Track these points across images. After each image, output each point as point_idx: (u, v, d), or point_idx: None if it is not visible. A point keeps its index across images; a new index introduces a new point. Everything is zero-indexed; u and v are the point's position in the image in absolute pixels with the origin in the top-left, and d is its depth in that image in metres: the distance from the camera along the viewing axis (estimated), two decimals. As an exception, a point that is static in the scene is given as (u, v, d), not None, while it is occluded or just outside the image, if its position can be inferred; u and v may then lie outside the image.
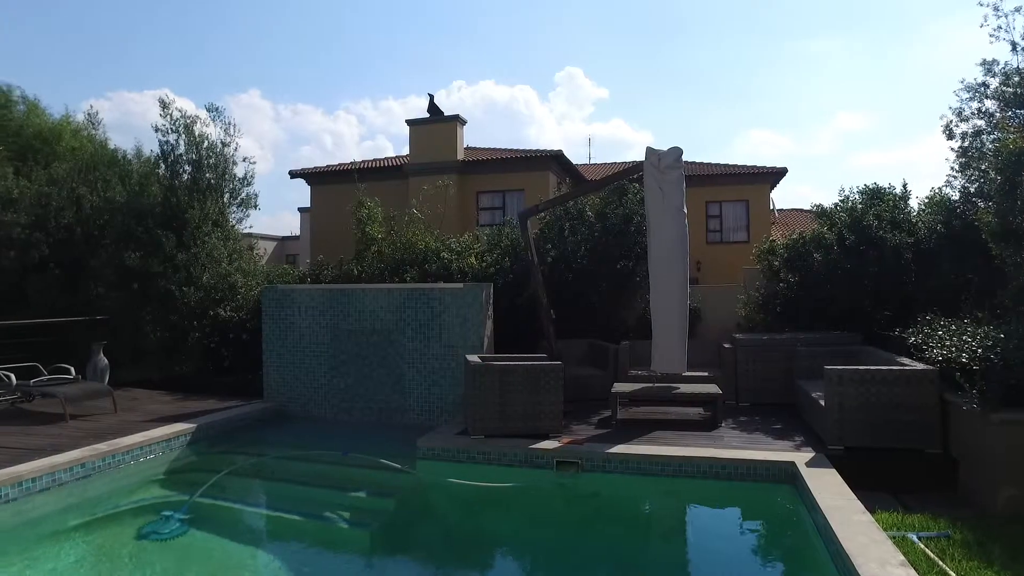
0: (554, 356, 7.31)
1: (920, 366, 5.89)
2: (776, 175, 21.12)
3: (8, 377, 7.74)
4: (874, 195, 9.12)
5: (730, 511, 5.51)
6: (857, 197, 9.26)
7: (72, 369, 8.38)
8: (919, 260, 8.27)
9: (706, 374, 8.00)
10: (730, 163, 21.84)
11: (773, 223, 22.09)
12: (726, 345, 8.44)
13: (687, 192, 7.05)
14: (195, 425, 7.03)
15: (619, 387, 7.34)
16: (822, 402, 5.95)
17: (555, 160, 18.27)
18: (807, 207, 25.18)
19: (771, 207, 21.97)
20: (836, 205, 9.34)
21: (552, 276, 9.09)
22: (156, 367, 10.39)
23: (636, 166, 7.47)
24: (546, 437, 6.30)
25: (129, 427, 6.92)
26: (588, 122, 74.08)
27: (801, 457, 5.50)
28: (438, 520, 5.65)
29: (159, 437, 6.56)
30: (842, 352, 7.41)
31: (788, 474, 5.35)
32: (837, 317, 8.47)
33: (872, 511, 4.36)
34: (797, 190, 68.38)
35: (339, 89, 77.00)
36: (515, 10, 65.08)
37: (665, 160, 6.96)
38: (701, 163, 21.75)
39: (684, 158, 6.98)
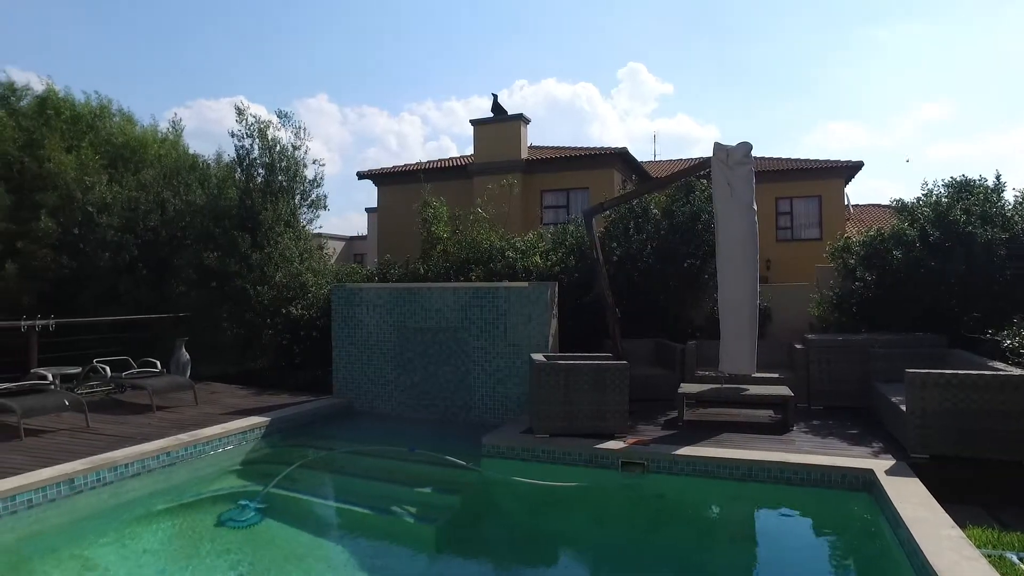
0: (620, 355, 7.24)
1: (1019, 372, 5.50)
2: (851, 169, 20.18)
3: (104, 369, 8.29)
4: (962, 188, 8.59)
5: (802, 519, 5.30)
6: (942, 190, 8.75)
7: (158, 363, 8.87)
8: (1015, 257, 7.73)
9: (776, 376, 7.74)
10: (801, 157, 21.04)
11: (848, 219, 21.14)
12: (798, 346, 8.15)
13: (756, 188, 6.85)
14: (269, 419, 7.31)
15: (686, 388, 7.19)
16: (903, 407, 5.65)
17: (619, 157, 18.06)
18: (884, 202, 24.08)
19: (846, 202, 21.01)
20: (918, 199, 8.86)
21: (618, 275, 8.99)
22: (232, 362, 10.88)
23: (703, 162, 7.30)
24: (611, 437, 6.24)
25: (209, 419, 7.26)
26: (652, 118, 73.02)
27: (880, 464, 5.24)
28: (502, 518, 5.67)
29: (236, 429, 6.85)
30: (924, 355, 7.03)
31: (865, 482, 5.11)
32: (919, 318, 8.04)
33: (963, 526, 4.08)
34: (873, 184, 65.23)
35: (403, 91, 78.53)
36: (577, 7, 64.70)
37: (734, 155, 6.78)
38: (771, 158, 21.05)
39: (753, 153, 6.78)
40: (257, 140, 11.29)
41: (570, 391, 6.36)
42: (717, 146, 6.90)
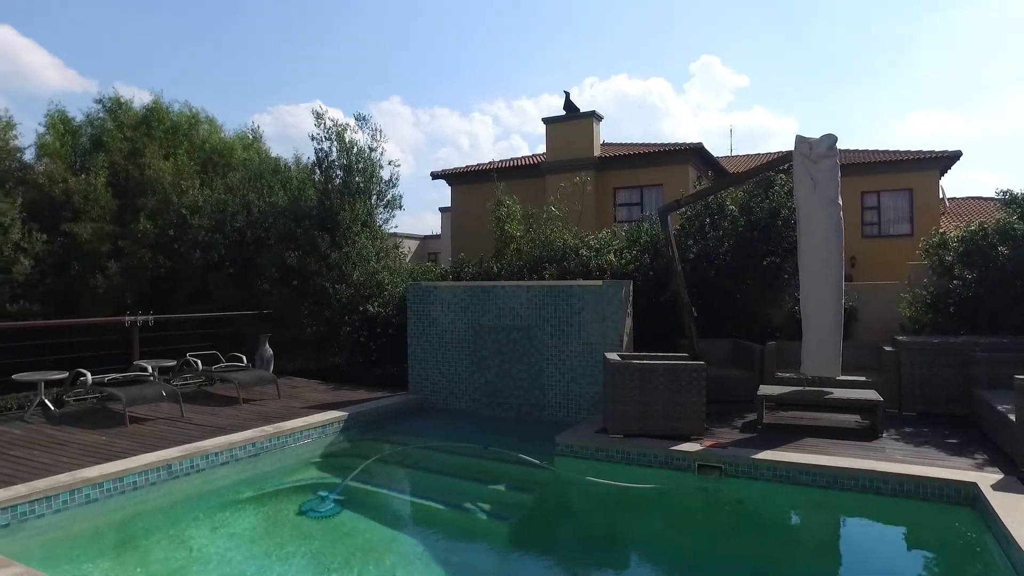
0: (696, 355, 7.06)
1: None
2: (947, 160, 18.91)
3: (196, 363, 8.78)
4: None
5: (893, 531, 5.02)
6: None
7: (244, 358, 9.30)
8: None
9: (863, 379, 7.33)
10: (890, 148, 19.89)
11: (943, 213, 19.81)
12: (887, 348, 7.71)
13: (841, 182, 6.53)
14: (347, 413, 7.53)
15: (765, 389, 6.93)
16: (1012, 416, 5.24)
17: (694, 153, 17.64)
18: (985, 195, 22.46)
19: (940, 196, 19.69)
20: (1030, 190, 8.19)
21: (694, 273, 8.78)
22: (312, 358, 11.28)
23: (784, 156, 7.02)
24: (687, 439, 6.09)
25: (291, 412, 7.56)
26: (727, 112, 70.74)
27: (985, 478, 4.87)
28: (575, 518, 5.64)
29: (316, 423, 7.09)
30: (1034, 359, 6.50)
31: (967, 496, 4.76)
32: (1029, 319, 7.44)
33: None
34: (973, 176, 60.64)
35: (473, 91, 79.27)
36: (647, 2, 63.56)
37: (817, 149, 6.49)
38: (856, 150, 20.01)
39: (838, 145, 6.46)
40: (335, 143, 11.65)
41: (645, 391, 6.25)
42: (799, 139, 6.62)
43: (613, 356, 6.76)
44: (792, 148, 6.69)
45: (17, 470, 5.20)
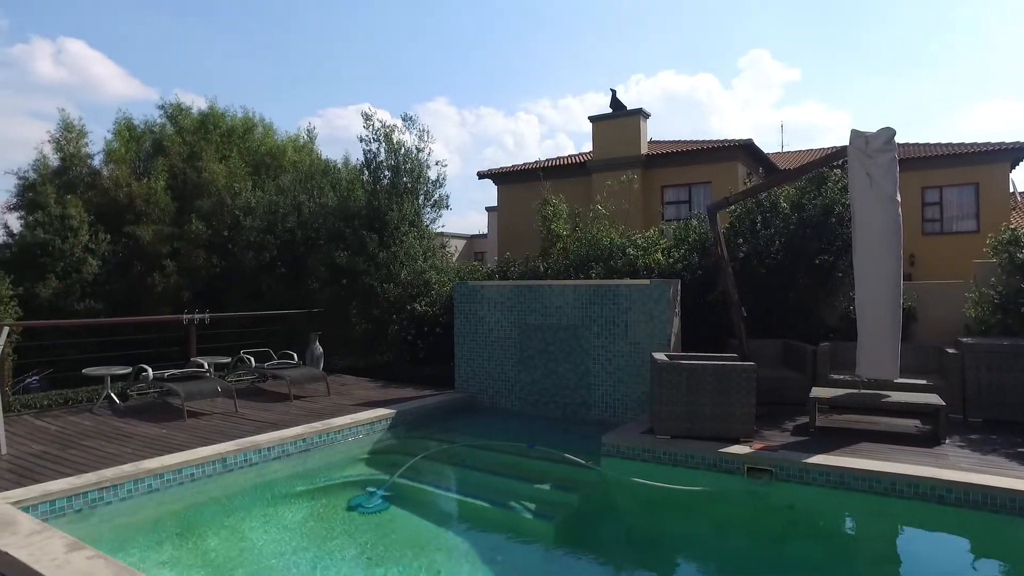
0: (746, 356, 6.91)
1: None
2: (1019, 151, 17.94)
3: (249, 360, 9.05)
4: None
5: (957, 543, 4.80)
6: None
7: (295, 355, 9.54)
8: None
9: (924, 382, 7.05)
10: (953, 141, 19.02)
11: (1014, 208, 18.81)
12: (950, 350, 7.37)
13: (899, 177, 6.28)
14: (395, 411, 7.64)
15: (818, 392, 6.73)
16: (1085, 422, 4.96)
17: (743, 150, 17.25)
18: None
19: (1011, 190, 18.70)
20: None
21: (743, 272, 8.58)
22: (361, 356, 11.50)
23: (839, 151, 6.80)
24: (736, 441, 5.96)
25: (340, 409, 7.72)
26: (777, 107, 69.00)
27: (1058, 488, 4.62)
28: (621, 519, 5.59)
29: (364, 420, 7.22)
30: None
31: (1039, 507, 4.52)
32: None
33: None
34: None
35: (518, 91, 79.47)
36: (697, -4, 62.44)
37: (874, 143, 6.26)
38: (916, 144, 19.23)
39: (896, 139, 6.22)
40: (383, 144, 11.81)
41: (693, 392, 6.15)
42: (855, 133, 6.40)
43: (660, 356, 6.68)
44: (847, 143, 6.48)
45: (88, 459, 5.49)
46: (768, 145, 23.25)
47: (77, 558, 3.48)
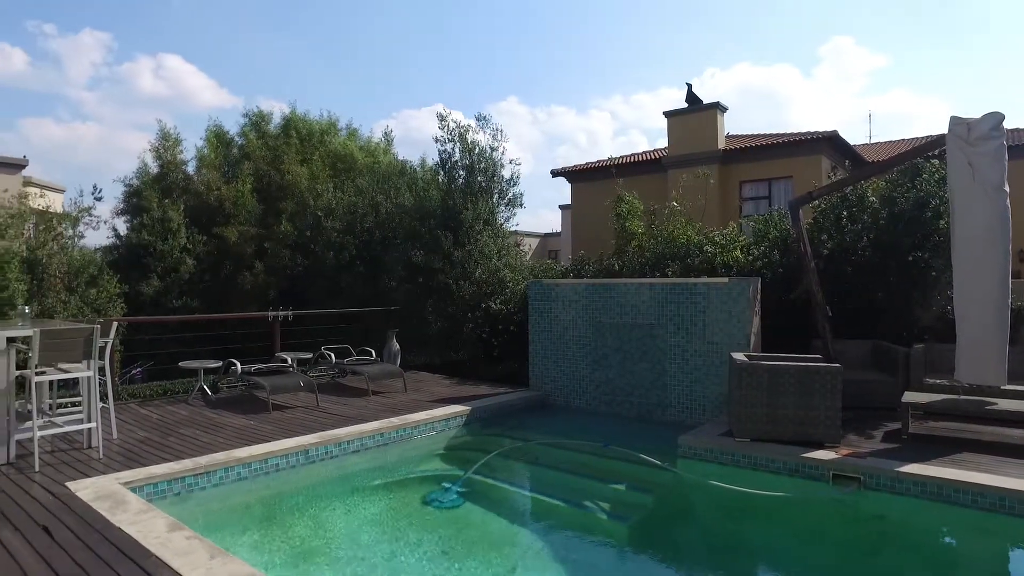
0: (831, 357, 6.60)
1: None
2: None
3: (329, 356, 9.39)
4: None
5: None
6: None
7: (373, 352, 9.82)
8: None
9: (1035, 389, 6.52)
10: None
11: None
12: (1065, 354, 6.79)
13: (1007, 167, 5.82)
14: (470, 408, 7.73)
15: (912, 396, 6.34)
16: None
17: (827, 142, 16.48)
18: None
19: None
20: None
21: (828, 270, 8.20)
22: (437, 353, 11.71)
23: (935, 140, 6.39)
24: (820, 446, 5.71)
25: (416, 405, 7.88)
26: (862, 96, 65.47)
27: None
28: (698, 522, 5.46)
29: (440, 416, 7.35)
30: None
31: None
32: None
33: None
34: None
35: (590, 88, 78.91)
36: (778, -17, 60.07)
37: (977, 130, 5.82)
38: (1024, 130, 17.80)
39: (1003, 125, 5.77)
40: (458, 144, 11.96)
41: (774, 394, 5.92)
42: (954, 120, 5.97)
43: (739, 356, 6.47)
44: (945, 131, 6.07)
45: (185, 446, 5.84)
46: (853, 137, 22.17)
47: (177, 537, 3.74)
